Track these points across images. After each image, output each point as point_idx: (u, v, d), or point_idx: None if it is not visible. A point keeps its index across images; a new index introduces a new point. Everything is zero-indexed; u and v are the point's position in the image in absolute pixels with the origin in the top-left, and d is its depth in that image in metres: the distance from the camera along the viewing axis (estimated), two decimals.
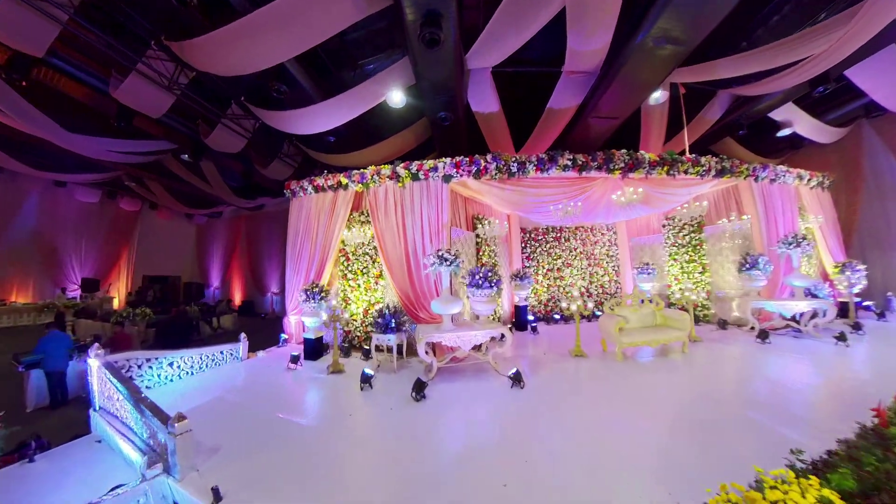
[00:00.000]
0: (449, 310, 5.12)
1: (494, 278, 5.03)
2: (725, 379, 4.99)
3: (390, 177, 6.42)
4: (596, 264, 9.81)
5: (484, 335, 5.11)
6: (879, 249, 9.21)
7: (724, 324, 7.57)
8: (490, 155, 5.91)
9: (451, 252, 5.21)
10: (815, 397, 4.31)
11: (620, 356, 5.56)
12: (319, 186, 7.16)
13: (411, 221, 6.26)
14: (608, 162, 6.28)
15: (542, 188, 6.29)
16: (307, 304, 6.20)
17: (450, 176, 6.10)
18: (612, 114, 7.61)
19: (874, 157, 9.24)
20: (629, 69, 6.15)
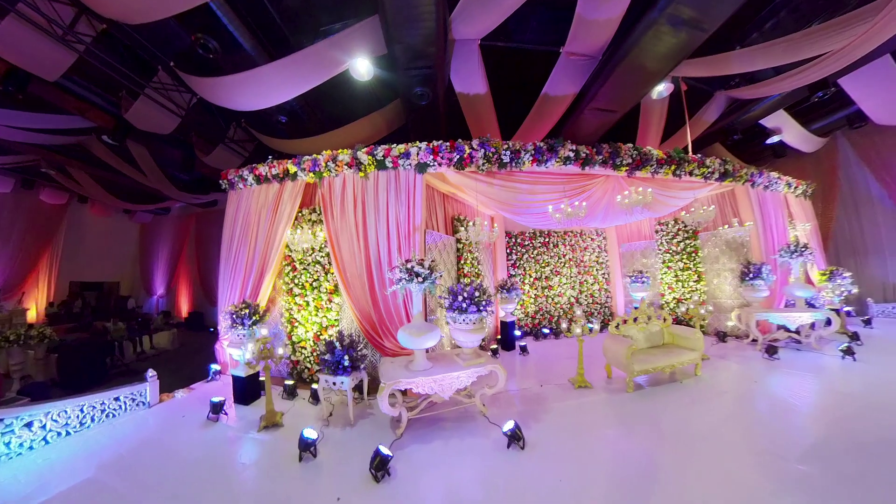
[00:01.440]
0: (422, 342, 3.60)
1: (482, 299, 3.58)
2: (774, 414, 3.81)
3: (349, 164, 4.83)
4: (586, 272, 8.67)
5: (469, 376, 3.65)
6: (854, 257, 9.15)
7: (723, 336, 6.80)
8: (477, 140, 4.47)
9: (426, 263, 3.70)
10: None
11: (631, 386, 4.46)
12: (262, 176, 5.43)
13: (375, 221, 4.71)
14: (614, 156, 5.07)
15: (537, 184, 4.94)
16: (234, 332, 4.51)
17: (425, 165, 4.60)
18: (610, 106, 6.44)
19: (848, 168, 9.23)
20: (636, 54, 5.03)
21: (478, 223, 4.64)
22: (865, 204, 9.02)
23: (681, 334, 5.03)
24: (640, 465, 3.03)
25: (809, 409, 3.89)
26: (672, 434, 3.44)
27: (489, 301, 3.60)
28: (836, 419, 3.57)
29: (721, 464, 2.95)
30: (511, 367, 5.80)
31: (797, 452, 3.00)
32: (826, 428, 3.43)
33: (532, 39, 5.79)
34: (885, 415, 3.55)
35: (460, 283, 3.84)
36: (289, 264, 5.42)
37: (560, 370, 5.35)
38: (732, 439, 3.32)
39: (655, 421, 3.71)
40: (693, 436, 3.37)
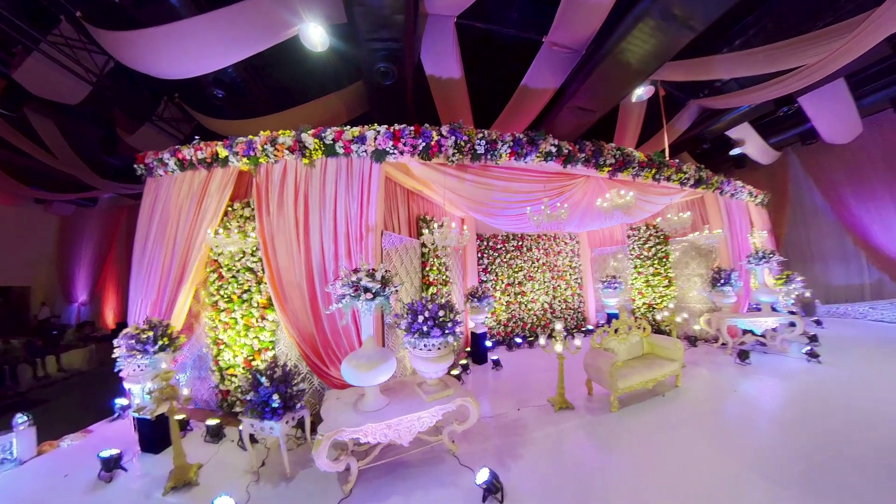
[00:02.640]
0: (372, 378, 2.71)
1: (448, 320, 2.77)
2: (763, 428, 3.60)
3: (292, 149, 3.83)
4: (559, 276, 8.15)
5: (433, 415, 2.84)
6: (802, 262, 9.55)
7: (694, 340, 6.71)
8: (447, 126, 3.66)
9: (378, 274, 2.84)
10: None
11: (616, 405, 3.98)
12: (186, 160, 4.27)
13: (319, 219, 3.76)
14: (597, 155, 4.49)
15: (514, 181, 4.23)
16: (132, 362, 3.38)
17: (384, 152, 3.71)
18: (590, 105, 5.95)
19: (797, 181, 9.72)
20: (622, 49, 4.58)
21: (445, 224, 3.84)
22: (812, 215, 9.54)
23: (660, 344, 4.68)
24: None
25: (795, 420, 3.68)
26: (667, 463, 3.01)
27: (457, 321, 2.79)
28: (824, 431, 3.40)
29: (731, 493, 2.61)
30: (484, 384, 5.10)
31: (797, 472, 2.83)
32: (814, 440, 3.26)
33: (514, 25, 5.13)
34: (869, 424, 3.48)
35: (424, 297, 3.00)
36: (214, 271, 4.31)
37: (537, 386, 4.77)
38: (731, 463, 2.97)
39: (646, 446, 3.26)
40: (688, 461, 3.02)
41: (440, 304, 2.78)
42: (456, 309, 2.91)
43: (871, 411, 3.69)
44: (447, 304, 2.83)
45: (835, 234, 9.10)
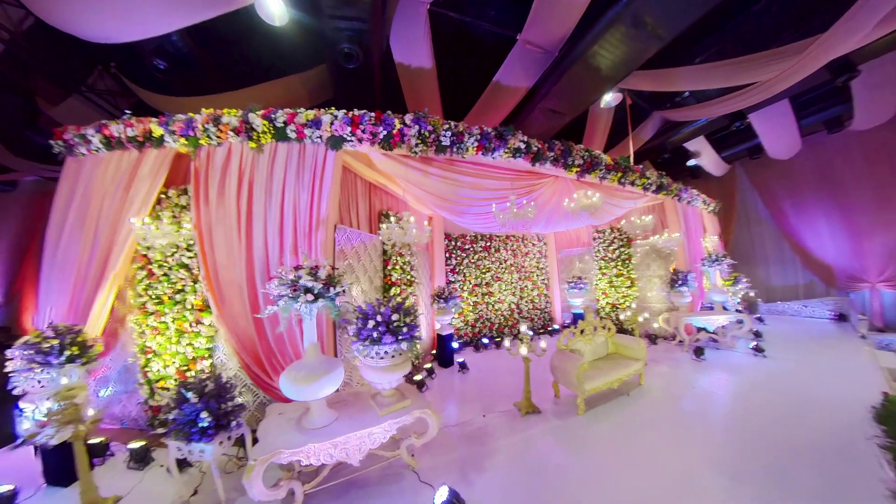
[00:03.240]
0: (314, 391, 2.36)
1: (402, 325, 2.49)
2: (721, 421, 3.76)
3: (237, 130, 3.37)
4: (526, 277, 8.11)
5: (387, 429, 2.54)
6: (747, 265, 10.25)
7: (654, 338, 6.90)
8: (411, 115, 3.36)
9: (322, 272, 2.49)
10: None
11: (582, 408, 3.90)
12: (114, 138, 3.65)
13: (264, 210, 3.34)
14: (566, 155, 4.39)
15: (481, 177, 4.02)
16: (30, 378, 2.79)
17: (340, 139, 3.35)
18: (561, 108, 5.86)
19: (744, 192, 10.45)
20: (593, 54, 4.54)
21: (406, 220, 3.54)
22: (755, 223, 10.32)
23: (624, 344, 4.72)
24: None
25: (747, 411, 3.88)
26: (633, 466, 2.96)
27: (414, 326, 2.52)
28: (772, 420, 3.62)
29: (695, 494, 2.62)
30: (449, 389, 4.86)
31: (752, 464, 2.93)
32: (765, 429, 3.45)
33: (490, 21, 4.93)
34: (810, 412, 3.74)
35: (377, 299, 2.68)
36: (143, 268, 3.73)
37: (504, 390, 4.61)
38: (693, 462, 3.00)
39: (613, 450, 3.21)
40: (654, 464, 2.98)
41: (394, 307, 2.49)
42: (414, 311, 2.64)
43: (811, 400, 4.00)
44: (402, 306, 2.54)
45: (774, 240, 9.91)
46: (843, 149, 8.27)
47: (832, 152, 8.45)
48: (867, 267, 8.21)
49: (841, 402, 3.86)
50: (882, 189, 7.91)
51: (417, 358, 5.19)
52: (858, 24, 3.86)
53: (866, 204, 8.16)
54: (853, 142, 8.05)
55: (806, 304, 8.87)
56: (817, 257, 9.04)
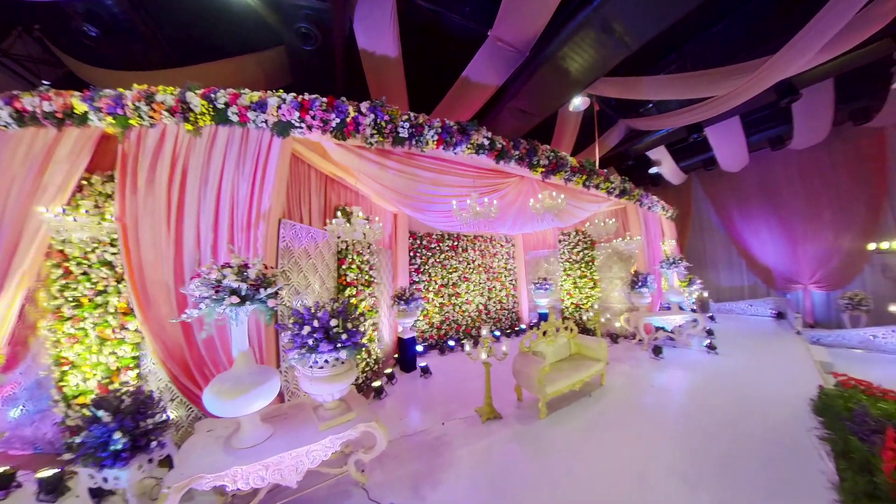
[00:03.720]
0: (240, 406, 2.07)
1: (341, 330, 2.23)
2: (682, 417, 3.83)
3: (173, 110, 2.96)
4: (494, 278, 8.05)
5: (328, 446, 2.29)
6: (700, 268, 10.99)
7: (615, 338, 7.05)
8: (367, 103, 3.11)
9: (252, 271, 2.20)
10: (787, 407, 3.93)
11: (544, 412, 3.82)
12: (27, 112, 3.07)
13: (198, 202, 2.97)
14: (531, 154, 4.31)
15: (443, 173, 3.83)
16: None
17: (288, 125, 3.04)
18: (530, 108, 5.87)
19: (698, 201, 11.30)
20: (563, 56, 4.59)
21: (355, 215, 3.30)
22: (708, 230, 11.17)
23: (586, 344, 4.72)
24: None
25: (703, 409, 3.98)
26: (595, 470, 2.93)
27: (356, 333, 2.27)
28: (726, 417, 3.73)
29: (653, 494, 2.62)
30: (410, 395, 4.64)
31: (708, 461, 3.01)
32: (720, 425, 3.56)
33: (465, 15, 4.77)
34: (761, 406, 3.93)
35: (317, 302, 2.42)
36: (58, 265, 3.19)
37: (467, 394, 4.47)
38: (654, 463, 2.99)
39: (575, 454, 3.14)
40: (615, 466, 2.97)
41: (333, 311, 2.24)
42: (358, 315, 2.40)
43: (758, 395, 4.22)
44: (344, 309, 2.30)
45: (724, 245, 10.73)
46: (784, 165, 9.15)
47: (774, 168, 9.32)
48: (801, 270, 9.05)
49: (784, 396, 4.10)
50: (814, 202, 8.81)
51: (377, 363, 4.92)
52: (802, 50, 4.23)
53: (800, 214, 9.04)
54: (792, 159, 8.92)
55: (751, 303, 9.56)
56: (760, 261, 9.87)
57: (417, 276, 6.78)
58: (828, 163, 8.51)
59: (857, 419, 2.75)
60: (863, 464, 2.31)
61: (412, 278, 6.69)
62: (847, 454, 2.51)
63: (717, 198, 10.67)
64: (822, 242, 8.72)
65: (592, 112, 7.07)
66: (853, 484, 2.19)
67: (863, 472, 2.25)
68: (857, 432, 2.64)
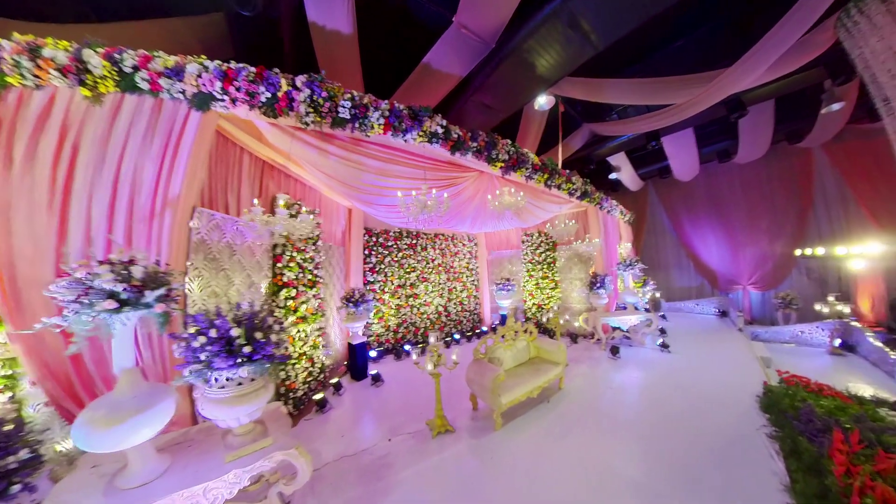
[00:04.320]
0: (116, 439, 1.66)
1: (244, 342, 1.86)
2: (639, 418, 3.85)
3: (66, 70, 2.42)
4: (455, 278, 7.88)
5: (231, 484, 1.92)
6: (653, 269, 11.67)
7: (575, 337, 7.24)
8: (304, 76, 2.77)
9: (137, 270, 1.81)
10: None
11: (499, 423, 3.64)
12: None
13: (91, 185, 2.45)
14: (490, 147, 4.16)
15: (392, 163, 3.54)
16: None
17: (208, 97, 2.60)
18: (494, 104, 5.75)
19: (653, 206, 12.07)
20: (529, 49, 4.52)
21: (280, 205, 2.94)
22: (661, 234, 11.96)
23: (546, 347, 4.66)
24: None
25: (657, 406, 4.08)
26: (554, 479, 2.85)
27: (264, 343, 1.94)
28: (680, 415, 3.81)
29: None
30: (358, 406, 4.31)
31: (665, 461, 3.05)
32: (674, 423, 3.65)
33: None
34: (711, 403, 4.08)
35: (218, 307, 2.06)
36: None
37: (421, 404, 4.21)
38: (611, 469, 2.96)
39: (532, 466, 3.01)
40: (572, 479, 2.85)
41: (236, 319, 1.90)
42: (273, 323, 2.07)
43: (709, 392, 4.39)
44: (252, 316, 1.96)
45: (675, 248, 11.55)
46: (728, 177, 10.03)
47: (720, 179, 10.20)
48: (741, 272, 9.96)
49: (733, 392, 4.28)
50: (753, 211, 9.71)
51: (323, 371, 4.53)
52: (751, 67, 4.61)
53: (741, 222, 9.93)
54: (735, 172, 9.80)
55: (698, 302, 10.32)
56: (706, 263, 10.72)
57: (372, 276, 6.43)
58: (765, 176, 9.43)
59: (803, 418, 2.78)
60: (812, 464, 2.34)
61: (366, 278, 6.32)
62: (796, 454, 2.54)
63: (669, 204, 11.45)
64: (759, 247, 9.63)
65: (557, 113, 7.16)
66: (805, 486, 2.22)
67: (813, 473, 2.28)
68: (805, 431, 2.66)
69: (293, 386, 3.78)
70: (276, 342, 1.97)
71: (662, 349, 6.21)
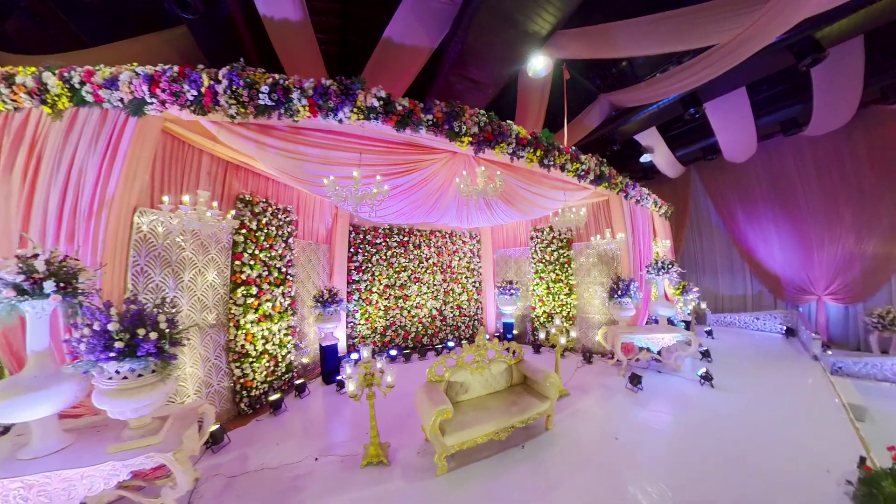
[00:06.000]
0: (5, 411, 1.90)
1: (116, 338, 1.98)
2: (666, 495, 2.76)
3: (32, 93, 2.89)
4: (453, 279, 7.68)
5: (109, 475, 2.03)
6: (695, 273, 10.47)
7: (589, 356, 6.37)
8: (226, 69, 2.89)
9: (39, 262, 2.01)
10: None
11: (443, 467, 3.05)
12: None
13: (47, 190, 2.83)
14: (451, 119, 3.47)
15: (334, 149, 3.44)
16: None
17: (141, 102, 2.86)
18: (480, 77, 5.27)
19: (696, 197, 10.54)
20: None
21: (202, 202, 3.08)
22: (706, 229, 10.42)
23: (533, 375, 3.78)
24: None
25: (688, 476, 2.98)
26: None
27: (144, 341, 2.04)
28: (721, 492, 2.78)
29: None
30: (313, 413, 4.23)
31: None
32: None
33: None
34: (773, 476, 2.95)
35: (107, 302, 2.21)
36: None
37: (381, 420, 3.79)
38: None
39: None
40: None
41: (118, 315, 2.05)
42: (166, 321, 2.18)
43: (771, 461, 3.14)
44: (137, 313, 2.09)
45: (725, 246, 9.99)
46: (797, 156, 8.35)
47: (786, 158, 8.53)
48: (815, 279, 8.27)
49: (805, 469, 3.00)
50: (831, 198, 7.98)
51: (290, 371, 4.69)
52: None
53: (815, 213, 8.23)
54: (806, 149, 8.13)
55: (756, 315, 8.83)
56: (766, 266, 9.12)
57: (358, 275, 6.54)
58: (849, 153, 7.65)
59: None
60: None
61: (351, 277, 6.45)
62: None
63: (718, 193, 9.92)
64: (842, 246, 7.88)
65: (565, 87, 6.04)
66: None
67: None
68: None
69: (249, 384, 3.98)
70: (158, 339, 2.08)
71: (703, 381, 5.04)
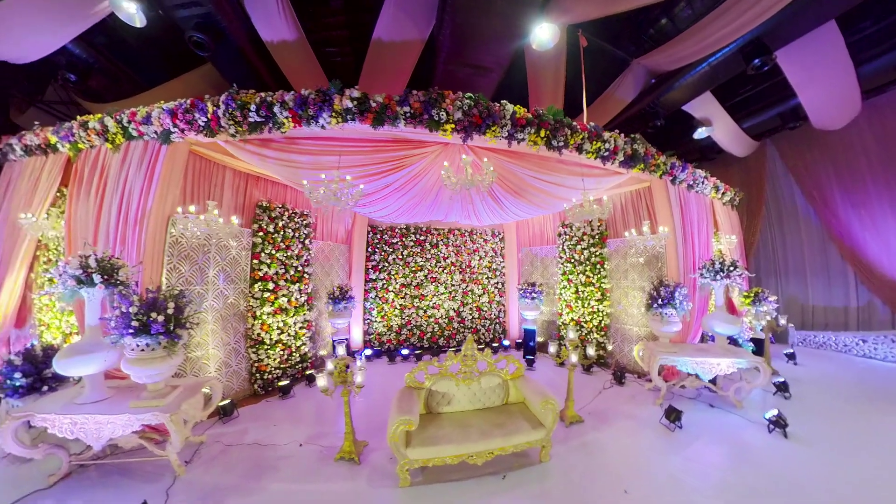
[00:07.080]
0: (63, 366, 2.90)
1: (139, 321, 2.74)
2: None
3: (98, 133, 3.99)
4: (472, 280, 7.74)
5: (127, 424, 2.83)
6: (774, 276, 8.72)
7: (621, 377, 5.50)
8: (225, 95, 3.53)
9: (91, 260, 2.89)
10: None
11: (406, 479, 2.94)
12: (29, 146, 4.59)
13: (109, 205, 3.85)
14: (429, 107, 3.42)
15: (323, 154, 3.91)
16: None
17: (167, 132, 3.73)
18: (479, 60, 5.09)
19: (775, 179, 8.65)
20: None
21: (211, 211, 3.84)
22: (790, 220, 8.46)
23: (530, 396, 3.40)
24: None
25: None
26: None
27: (154, 324, 2.74)
28: None
29: None
30: (315, 403, 4.60)
31: None
32: None
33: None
34: None
35: (145, 290, 3.01)
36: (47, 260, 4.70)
37: (371, 417, 4.06)
38: None
39: None
40: None
41: (140, 301, 2.80)
42: (175, 307, 2.87)
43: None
44: (153, 300, 2.82)
45: (817, 242, 8.08)
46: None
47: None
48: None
49: None
50: None
51: (305, 360, 5.39)
52: None
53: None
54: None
55: (864, 337, 6.86)
56: (879, 270, 7.07)
57: (375, 274, 7.04)
58: None
59: None
60: None
61: (369, 276, 6.98)
62: None
63: (805, 172, 7.96)
64: None
65: (578, 49, 5.00)
66: None
67: None
68: None
69: (263, 368, 4.73)
70: (166, 322, 2.78)
71: (772, 427, 3.71)
